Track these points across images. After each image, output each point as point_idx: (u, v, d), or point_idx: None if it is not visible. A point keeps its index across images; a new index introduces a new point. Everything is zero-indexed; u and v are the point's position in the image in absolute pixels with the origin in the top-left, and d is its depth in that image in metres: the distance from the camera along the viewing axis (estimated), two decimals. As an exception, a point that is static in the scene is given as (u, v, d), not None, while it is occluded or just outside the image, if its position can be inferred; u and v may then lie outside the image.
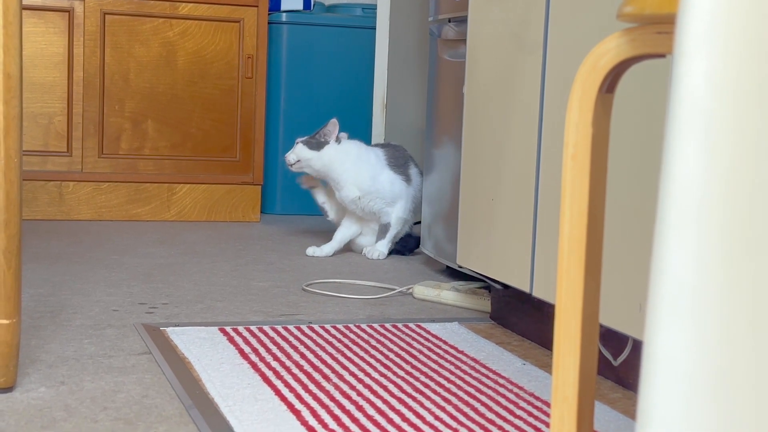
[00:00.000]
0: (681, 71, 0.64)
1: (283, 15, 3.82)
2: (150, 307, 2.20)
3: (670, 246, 0.63)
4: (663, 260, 0.63)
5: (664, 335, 0.63)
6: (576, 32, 1.77)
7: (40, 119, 3.46)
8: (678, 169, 0.63)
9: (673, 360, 0.63)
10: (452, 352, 1.91)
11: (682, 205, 0.62)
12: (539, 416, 1.55)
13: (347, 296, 2.40)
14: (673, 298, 0.63)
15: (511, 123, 1.99)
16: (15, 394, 1.56)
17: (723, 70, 0.62)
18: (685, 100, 0.63)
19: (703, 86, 0.62)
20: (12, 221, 1.52)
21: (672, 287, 0.63)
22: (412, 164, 3.13)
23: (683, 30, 0.64)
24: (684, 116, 0.63)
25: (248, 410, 1.51)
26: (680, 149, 0.63)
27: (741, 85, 0.62)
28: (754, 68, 0.62)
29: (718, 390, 0.62)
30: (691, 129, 0.62)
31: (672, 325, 0.63)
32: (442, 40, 2.68)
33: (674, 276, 0.63)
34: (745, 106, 0.62)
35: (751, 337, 0.62)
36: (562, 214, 0.90)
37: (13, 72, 1.50)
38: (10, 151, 1.51)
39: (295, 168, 2.98)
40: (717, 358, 0.62)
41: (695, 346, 0.62)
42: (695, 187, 0.62)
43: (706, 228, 0.62)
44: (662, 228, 0.64)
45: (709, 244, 0.62)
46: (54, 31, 3.46)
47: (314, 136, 2.98)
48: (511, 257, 1.98)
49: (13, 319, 1.54)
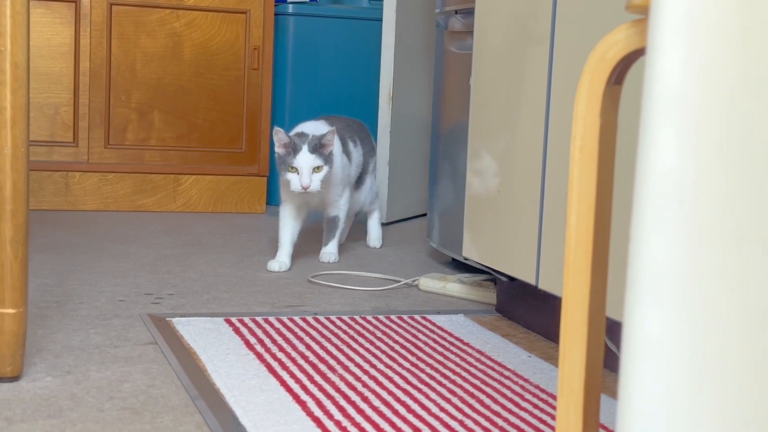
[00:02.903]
0: (657, 60, 0.64)
1: (289, 6, 3.82)
2: (156, 297, 2.21)
3: (648, 232, 0.64)
4: (641, 246, 0.64)
5: (644, 319, 0.64)
6: (583, 24, 1.76)
7: (46, 109, 3.46)
8: (656, 156, 0.64)
9: (653, 342, 0.64)
10: (457, 344, 1.91)
11: (660, 191, 0.63)
12: (545, 408, 1.55)
13: (353, 288, 2.40)
14: (653, 283, 0.63)
15: (518, 115, 1.99)
16: (21, 383, 1.56)
17: (699, 58, 0.63)
18: (662, 88, 0.64)
19: (679, 75, 0.63)
20: (18, 211, 1.52)
21: (651, 272, 0.64)
22: (350, 140, 2.87)
23: (658, 19, 0.64)
24: (661, 105, 0.64)
25: (254, 401, 1.52)
26: (658, 137, 0.64)
27: (717, 73, 0.62)
28: (730, 56, 0.62)
29: (699, 370, 0.63)
30: (668, 117, 0.63)
31: (652, 309, 0.64)
32: (449, 32, 2.68)
33: (653, 261, 0.64)
34: (722, 93, 0.63)
35: (733, 320, 0.62)
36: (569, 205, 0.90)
37: (20, 62, 1.50)
38: (16, 141, 1.51)
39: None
40: (698, 340, 0.63)
41: (676, 329, 0.63)
42: (674, 174, 0.63)
43: (686, 214, 0.63)
44: (640, 213, 0.65)
45: (689, 229, 0.63)
46: (61, 21, 3.46)
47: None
48: (516, 249, 1.98)
49: (19, 308, 1.54)
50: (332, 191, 2.72)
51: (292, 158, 2.54)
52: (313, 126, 2.70)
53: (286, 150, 2.55)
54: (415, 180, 3.67)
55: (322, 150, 2.56)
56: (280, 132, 2.54)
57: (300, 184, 2.53)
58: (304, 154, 2.54)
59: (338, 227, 2.78)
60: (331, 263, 2.72)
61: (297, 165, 2.53)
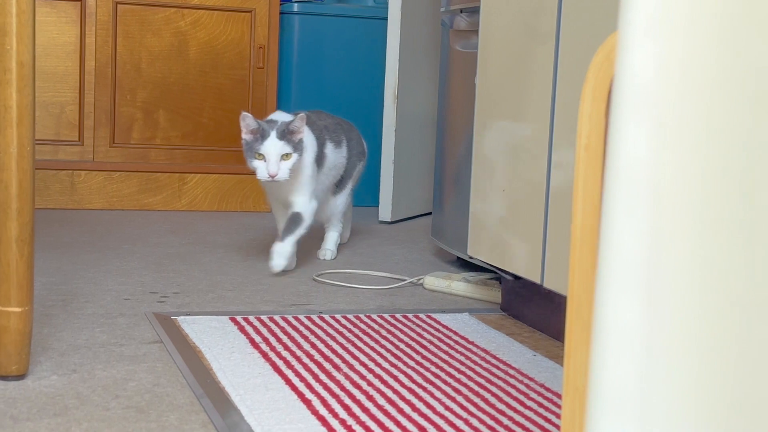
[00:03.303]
0: (627, 55, 0.65)
1: (294, 5, 3.82)
2: (161, 296, 2.21)
3: (621, 223, 0.65)
4: (611, 234, 0.65)
5: (613, 307, 0.65)
6: (589, 22, 1.76)
7: (51, 108, 3.47)
8: (625, 149, 0.65)
9: (622, 330, 0.65)
10: (463, 342, 1.91)
11: (632, 183, 0.64)
12: (550, 407, 1.55)
13: (358, 286, 2.40)
14: (622, 272, 0.64)
15: (523, 113, 1.99)
16: (27, 381, 1.57)
17: (670, 54, 0.63)
18: (634, 83, 0.64)
19: (651, 69, 0.64)
20: (24, 210, 1.53)
21: (620, 261, 0.65)
22: (330, 141, 2.69)
23: (629, 14, 0.65)
24: (633, 99, 0.64)
25: (259, 399, 1.52)
26: (628, 130, 0.64)
27: (688, 68, 0.63)
28: (702, 51, 0.63)
29: (677, 360, 0.63)
30: (640, 111, 0.64)
31: (621, 297, 0.65)
32: (454, 31, 2.68)
33: (622, 250, 0.65)
34: (696, 87, 0.63)
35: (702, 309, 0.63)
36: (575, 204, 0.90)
37: (26, 60, 1.50)
38: (22, 140, 1.51)
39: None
40: (667, 328, 0.64)
41: (644, 317, 0.64)
42: (647, 167, 0.64)
43: (660, 206, 0.64)
44: (610, 206, 0.66)
45: (662, 221, 0.64)
46: (66, 20, 3.46)
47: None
48: (522, 248, 1.98)
49: (25, 307, 1.54)
50: (300, 187, 2.54)
51: (260, 144, 2.41)
52: (285, 114, 2.57)
53: (254, 136, 2.43)
54: (420, 178, 3.67)
55: (291, 136, 2.42)
56: (248, 117, 2.42)
57: (267, 171, 2.40)
58: (271, 140, 2.40)
59: (300, 225, 2.53)
60: (278, 271, 2.47)
61: (264, 151, 2.40)
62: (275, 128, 2.41)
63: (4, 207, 1.52)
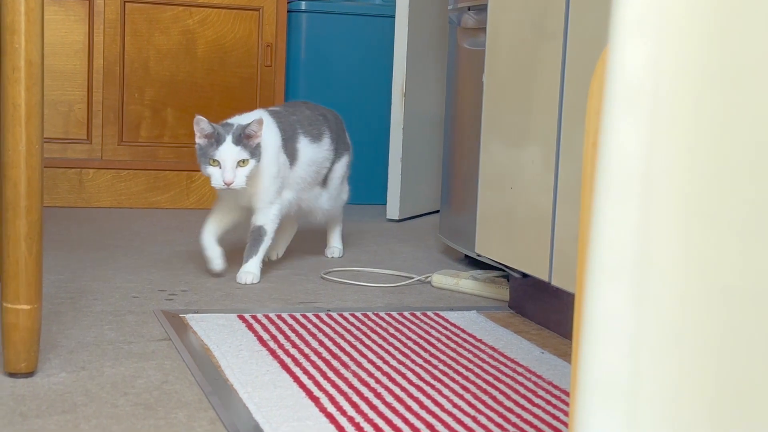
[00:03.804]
0: (618, 53, 0.65)
1: (302, 3, 3.82)
2: (169, 293, 2.21)
3: (610, 217, 0.66)
4: (603, 230, 0.66)
5: (604, 302, 0.65)
6: (597, 19, 1.76)
7: (60, 107, 3.48)
8: (616, 143, 0.65)
9: (608, 318, 0.65)
10: (470, 340, 1.91)
11: (622, 178, 0.65)
12: (558, 405, 1.55)
13: (366, 284, 2.40)
14: (614, 267, 0.65)
15: (531, 111, 1.99)
16: (36, 379, 1.57)
17: (660, 50, 0.64)
18: (625, 78, 0.65)
19: (640, 67, 0.64)
20: (33, 208, 1.53)
21: (609, 250, 0.65)
22: (304, 134, 2.51)
23: (620, 12, 0.65)
24: (623, 94, 0.65)
25: (267, 397, 1.52)
26: (620, 126, 0.65)
27: (679, 64, 0.64)
28: (693, 48, 0.63)
29: (666, 351, 0.64)
30: (630, 106, 0.65)
31: (612, 293, 0.65)
32: (462, 29, 2.68)
33: (615, 245, 0.65)
34: (686, 83, 0.64)
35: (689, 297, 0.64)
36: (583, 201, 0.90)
37: (34, 59, 1.51)
38: (31, 138, 1.52)
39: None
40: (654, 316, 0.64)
41: (632, 305, 0.65)
42: (637, 162, 0.65)
43: (649, 199, 0.64)
44: (600, 199, 0.66)
45: (652, 214, 0.64)
46: (74, 18, 3.47)
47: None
48: (529, 246, 1.98)
49: (34, 304, 1.55)
50: (261, 193, 2.38)
51: (214, 150, 2.25)
52: (246, 116, 2.40)
53: (208, 141, 2.26)
54: (427, 176, 3.67)
55: (248, 141, 2.26)
56: (202, 121, 2.26)
57: (222, 179, 2.24)
58: (227, 145, 2.24)
59: (262, 241, 2.40)
60: (249, 284, 2.35)
61: (219, 157, 2.24)
62: (231, 132, 2.26)
63: (13, 205, 1.52)
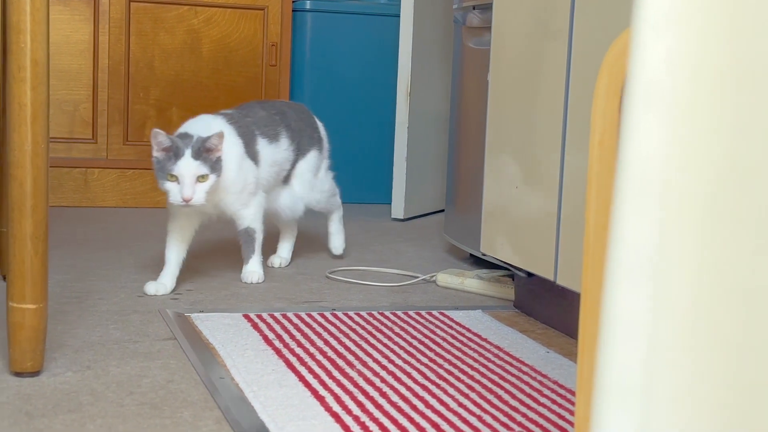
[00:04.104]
0: (640, 52, 0.65)
1: (307, 2, 3.82)
2: (175, 293, 2.22)
3: (630, 216, 0.66)
4: (622, 229, 0.66)
5: (622, 301, 0.66)
6: (602, 18, 1.76)
7: (65, 106, 3.48)
8: (636, 143, 0.65)
9: (628, 319, 0.65)
10: (476, 339, 1.91)
11: (642, 178, 0.65)
12: (563, 404, 1.55)
13: (371, 283, 2.40)
14: (633, 265, 0.65)
15: (536, 110, 1.99)
16: (42, 378, 1.57)
17: (682, 50, 0.64)
18: (644, 79, 0.65)
19: (661, 66, 0.64)
20: (39, 207, 1.53)
21: (632, 256, 0.65)
22: (262, 136, 2.39)
23: (641, 11, 0.65)
24: (644, 94, 0.65)
25: (272, 396, 1.52)
26: (639, 124, 0.65)
27: (701, 63, 0.63)
28: (714, 47, 0.63)
29: (681, 352, 0.64)
30: (651, 106, 0.65)
31: (631, 292, 0.66)
32: (467, 28, 2.68)
33: (634, 245, 0.65)
34: (708, 83, 0.64)
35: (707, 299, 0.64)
36: (588, 201, 0.90)
37: (40, 58, 1.51)
38: (37, 137, 1.52)
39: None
40: (672, 317, 0.64)
41: (651, 307, 0.65)
42: (657, 162, 0.64)
43: (669, 199, 0.64)
44: (620, 199, 0.66)
45: (671, 214, 0.64)
46: (79, 18, 3.47)
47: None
48: (535, 245, 1.98)
49: (39, 304, 1.55)
50: (231, 202, 2.29)
51: (172, 164, 2.12)
52: (203, 124, 2.27)
53: (167, 154, 2.13)
54: (432, 176, 3.67)
55: (208, 155, 2.14)
56: (160, 134, 2.13)
57: (180, 195, 2.12)
58: (185, 160, 2.12)
59: (255, 239, 2.36)
60: (255, 283, 2.35)
61: (177, 172, 2.12)
62: (190, 146, 2.13)
63: (19, 204, 1.52)
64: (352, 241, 3.01)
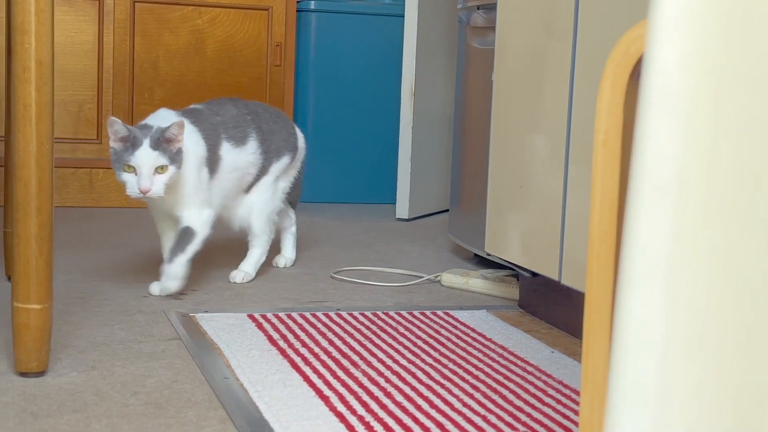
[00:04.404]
0: (655, 51, 0.65)
1: (311, 3, 3.82)
2: (180, 293, 2.22)
3: (645, 217, 0.65)
4: (637, 231, 0.66)
5: (637, 303, 0.66)
6: (606, 18, 1.76)
7: (70, 107, 3.49)
8: (651, 146, 0.65)
9: (646, 323, 0.65)
10: (480, 339, 1.91)
11: (657, 180, 0.65)
12: (568, 404, 1.55)
13: (375, 284, 2.40)
14: (648, 268, 0.65)
15: (540, 110, 1.99)
16: (47, 378, 1.58)
17: (698, 50, 0.64)
18: (659, 79, 0.65)
19: (677, 66, 0.64)
20: (43, 207, 1.53)
21: (647, 256, 0.65)
22: (227, 139, 2.27)
23: (658, 11, 0.65)
24: (658, 95, 0.65)
25: (277, 396, 1.52)
26: (654, 127, 0.65)
27: (716, 66, 0.63)
28: (730, 48, 0.63)
29: (694, 353, 0.64)
30: (665, 107, 0.65)
31: (645, 294, 0.65)
32: (471, 28, 2.68)
33: (649, 246, 0.65)
34: (721, 85, 0.63)
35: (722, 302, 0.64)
36: (593, 200, 0.90)
37: (44, 59, 1.51)
38: (41, 138, 1.52)
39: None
40: (687, 321, 0.64)
41: (665, 310, 0.65)
42: (672, 163, 0.64)
43: (684, 200, 0.64)
44: (635, 200, 0.66)
45: (687, 215, 0.64)
46: (84, 19, 3.48)
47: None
48: (539, 245, 1.98)
49: (44, 304, 1.55)
50: (185, 197, 2.17)
51: (130, 155, 2.02)
52: (165, 117, 2.18)
53: (124, 144, 2.04)
54: (437, 176, 3.67)
55: (168, 146, 2.05)
56: (116, 123, 2.03)
57: (138, 187, 2.03)
58: (144, 150, 2.03)
59: (190, 241, 2.18)
60: (173, 292, 2.16)
61: (135, 163, 2.02)
62: (149, 136, 2.04)
63: (24, 205, 1.52)
64: (356, 241, 3.01)
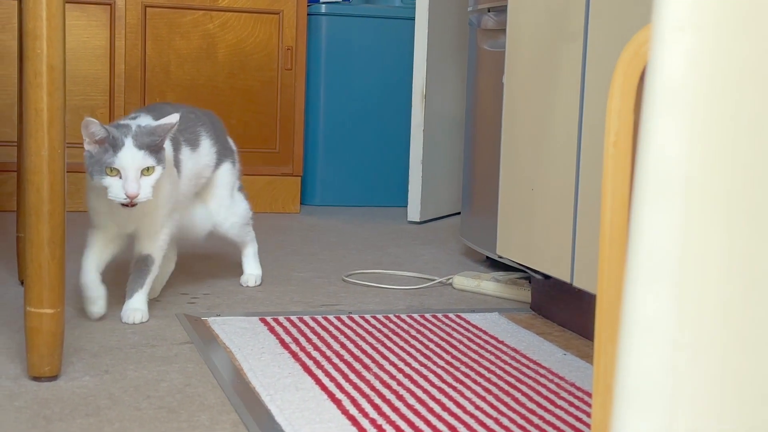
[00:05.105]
0: (662, 50, 0.65)
1: (322, 6, 3.83)
2: (192, 297, 2.22)
3: (652, 217, 0.65)
4: (643, 230, 0.66)
5: (644, 303, 0.65)
6: (617, 20, 1.75)
7: (82, 112, 3.49)
8: (656, 145, 0.65)
9: (648, 321, 0.65)
10: (492, 342, 1.91)
11: (664, 179, 0.65)
12: (580, 406, 1.54)
13: (387, 287, 2.40)
14: (656, 269, 0.65)
15: (551, 112, 1.98)
16: (60, 382, 1.58)
17: (703, 50, 0.64)
18: (666, 79, 0.65)
19: (683, 65, 0.64)
20: (56, 212, 1.54)
21: (654, 257, 0.65)
22: (185, 143, 2.07)
23: (665, 9, 0.65)
24: (665, 93, 0.65)
25: (289, 399, 1.52)
26: (659, 126, 0.65)
27: (720, 65, 0.63)
28: (735, 48, 0.63)
29: (702, 353, 0.64)
30: (669, 108, 0.64)
31: (653, 294, 0.65)
32: (482, 30, 2.67)
33: (656, 246, 0.65)
34: (726, 84, 0.63)
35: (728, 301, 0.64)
36: (604, 202, 0.90)
37: (56, 64, 1.51)
38: (53, 143, 1.52)
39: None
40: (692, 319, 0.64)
41: (671, 309, 0.64)
42: (679, 162, 0.64)
43: (691, 200, 0.64)
44: (641, 200, 0.66)
45: (694, 215, 0.64)
46: (96, 24, 3.49)
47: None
48: (551, 247, 1.98)
49: (57, 308, 1.56)
50: (153, 215, 1.97)
51: (112, 156, 1.81)
52: (135, 116, 2.00)
53: (101, 147, 1.83)
54: (448, 178, 3.67)
55: (155, 145, 1.85)
56: (93, 123, 1.81)
57: (124, 191, 1.82)
58: (128, 150, 1.82)
59: (149, 272, 2.01)
60: (139, 323, 1.96)
61: (120, 165, 1.81)
62: (131, 135, 1.83)
63: (36, 209, 1.53)
64: (368, 244, 3.01)
